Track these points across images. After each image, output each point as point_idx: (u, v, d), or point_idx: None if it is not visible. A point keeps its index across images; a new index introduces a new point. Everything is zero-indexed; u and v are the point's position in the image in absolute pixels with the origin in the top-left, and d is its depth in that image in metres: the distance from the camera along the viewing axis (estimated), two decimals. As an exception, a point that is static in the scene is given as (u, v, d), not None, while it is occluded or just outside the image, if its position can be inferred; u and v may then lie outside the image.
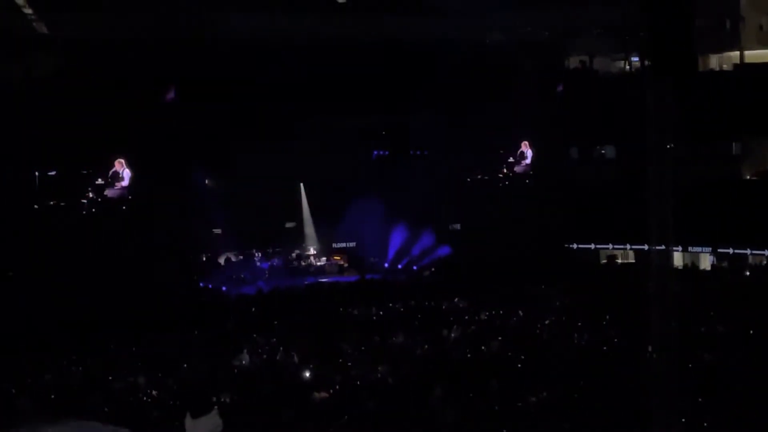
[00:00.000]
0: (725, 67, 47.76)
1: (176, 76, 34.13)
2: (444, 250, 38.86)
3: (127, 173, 37.39)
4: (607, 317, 28.73)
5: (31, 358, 25.52)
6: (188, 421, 3.23)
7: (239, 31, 36.30)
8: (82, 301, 29.94)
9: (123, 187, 37.36)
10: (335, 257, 39.27)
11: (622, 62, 45.48)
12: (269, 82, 34.34)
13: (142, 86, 35.41)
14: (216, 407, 3.34)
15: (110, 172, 37.19)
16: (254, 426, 18.20)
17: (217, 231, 38.76)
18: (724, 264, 39.09)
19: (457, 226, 39.70)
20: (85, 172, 37.04)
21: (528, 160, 40.89)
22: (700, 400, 19.23)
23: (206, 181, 36.50)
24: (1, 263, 32.53)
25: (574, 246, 40.78)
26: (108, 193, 36.96)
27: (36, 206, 34.69)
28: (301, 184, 40.21)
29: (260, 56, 34.79)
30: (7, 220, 32.98)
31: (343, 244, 40.01)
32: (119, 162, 37.03)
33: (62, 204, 35.44)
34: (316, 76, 34.96)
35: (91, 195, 36.57)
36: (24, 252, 32.40)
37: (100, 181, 37.14)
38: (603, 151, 47.40)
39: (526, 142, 40.70)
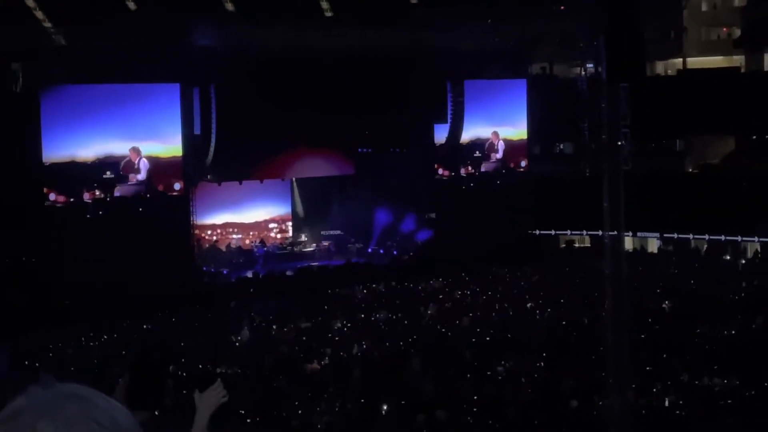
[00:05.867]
0: (670, 72, 47.99)
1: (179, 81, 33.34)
2: (421, 237, 38.83)
3: (144, 164, 31.29)
4: (566, 295, 28.85)
5: (53, 335, 25.43)
6: (197, 396, 3.20)
7: (228, 40, 36.08)
8: (96, 282, 29.53)
9: (139, 182, 31.43)
10: (324, 243, 39.19)
11: (579, 69, 45.58)
12: (262, 91, 34.07)
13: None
14: (219, 379, 3.30)
15: (123, 163, 31.17)
16: (253, 395, 18.22)
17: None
18: (670, 248, 39.27)
19: (433, 215, 39.62)
20: (90, 163, 30.23)
21: (499, 154, 40.14)
22: (649, 368, 19.35)
23: (207, 177, 36.09)
24: (13, 251, 30.35)
25: (537, 232, 40.84)
26: (119, 190, 31.13)
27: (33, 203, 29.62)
28: (293, 179, 40.07)
29: (253, 66, 34.51)
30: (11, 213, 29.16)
31: (331, 232, 39.94)
32: (134, 150, 31.26)
33: (57, 205, 30.07)
34: (306, 84, 34.85)
35: (97, 193, 30.63)
36: (31, 243, 30.02)
37: (109, 174, 31.05)
38: (562, 147, 47.57)
39: (496, 132, 40.22)
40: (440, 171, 39.10)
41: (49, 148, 30.44)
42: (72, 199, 30.61)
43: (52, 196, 30.38)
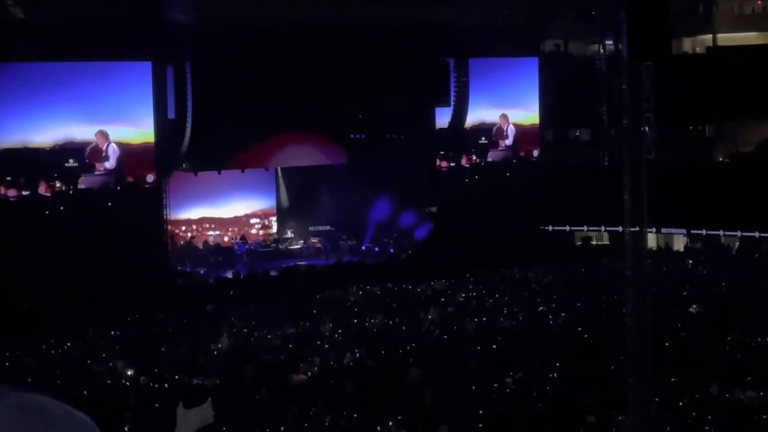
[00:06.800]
0: (698, 50, 47.98)
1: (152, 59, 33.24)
2: (421, 233, 38.89)
3: (113, 150, 30.59)
4: (582, 298, 28.89)
5: (10, 342, 25.42)
6: (180, 410, 3.19)
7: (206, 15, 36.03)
8: (58, 284, 29.52)
9: (108, 171, 30.82)
10: (312, 240, 39.25)
11: (597, 46, 45.59)
12: (244, 70, 34.01)
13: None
14: (210, 398, 3.32)
15: (88, 149, 30.44)
16: (233, 409, 18.23)
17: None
18: (698, 245, 39.34)
19: (434, 209, 39.67)
20: (48, 149, 29.30)
21: (509, 141, 40.16)
22: (674, 379, 19.39)
23: (182, 165, 36.04)
24: None
25: (550, 228, 40.91)
26: (84, 182, 30.52)
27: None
28: (278, 168, 40.09)
29: (234, 43, 34.47)
30: None
31: (320, 227, 39.99)
32: (101, 134, 30.38)
33: (10, 199, 29.43)
34: (293, 62, 34.83)
35: (58, 185, 29.89)
36: None
37: (72, 162, 30.41)
38: (578, 134, 47.60)
39: (505, 115, 40.02)
40: (438, 161, 39.14)
41: (0, 132, 30.21)
42: (26, 192, 30.26)
43: (1, 189, 30.01)
